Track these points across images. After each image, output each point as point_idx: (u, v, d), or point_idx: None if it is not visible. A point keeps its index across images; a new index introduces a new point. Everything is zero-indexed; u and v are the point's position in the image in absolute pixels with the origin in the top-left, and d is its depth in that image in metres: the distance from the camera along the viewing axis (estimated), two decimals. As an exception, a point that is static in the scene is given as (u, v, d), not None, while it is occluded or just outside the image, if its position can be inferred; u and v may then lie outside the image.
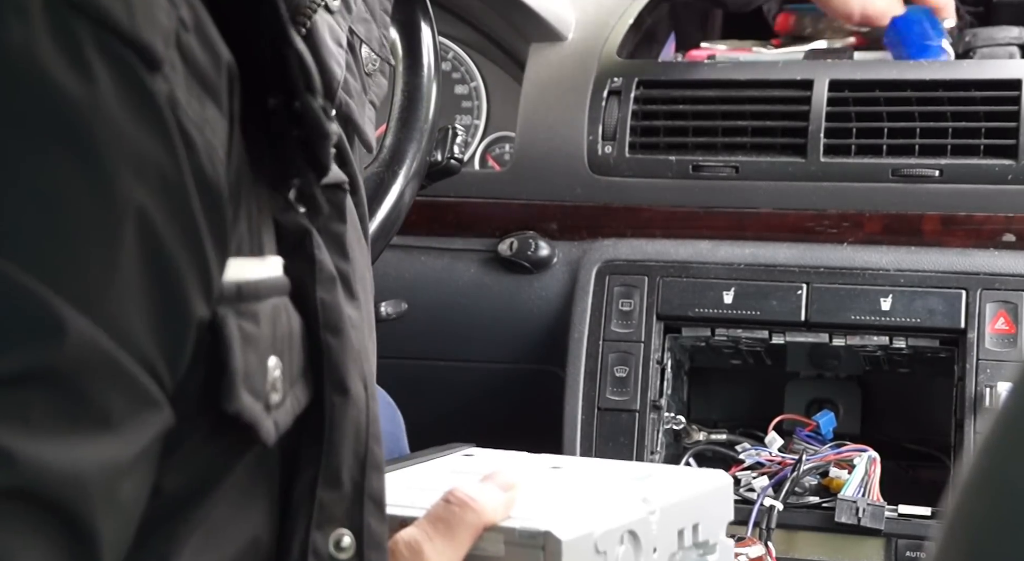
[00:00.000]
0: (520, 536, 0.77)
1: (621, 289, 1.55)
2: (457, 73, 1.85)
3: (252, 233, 0.64)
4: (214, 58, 0.59)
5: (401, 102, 1.28)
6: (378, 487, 0.71)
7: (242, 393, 0.61)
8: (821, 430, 1.50)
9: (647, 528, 0.81)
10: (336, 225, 0.72)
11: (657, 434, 1.51)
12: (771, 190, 1.55)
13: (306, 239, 0.69)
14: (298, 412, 0.68)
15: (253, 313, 0.63)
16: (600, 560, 0.78)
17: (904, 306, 1.47)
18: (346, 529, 0.69)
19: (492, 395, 1.67)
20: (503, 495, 0.81)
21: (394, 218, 1.26)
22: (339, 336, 0.70)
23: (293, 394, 0.67)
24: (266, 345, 0.64)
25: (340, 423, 0.69)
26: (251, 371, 0.62)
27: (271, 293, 0.65)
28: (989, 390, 1.41)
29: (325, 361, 0.69)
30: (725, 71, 1.61)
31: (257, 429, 0.63)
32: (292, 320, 0.68)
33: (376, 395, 0.73)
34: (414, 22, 1.30)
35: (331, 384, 0.69)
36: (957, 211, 1.50)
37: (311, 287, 0.69)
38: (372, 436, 0.71)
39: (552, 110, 1.64)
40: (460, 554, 0.77)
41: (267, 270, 0.66)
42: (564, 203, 1.62)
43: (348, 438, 0.70)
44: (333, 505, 0.69)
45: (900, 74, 1.55)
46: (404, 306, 1.41)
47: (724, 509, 0.89)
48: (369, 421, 0.71)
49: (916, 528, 1.39)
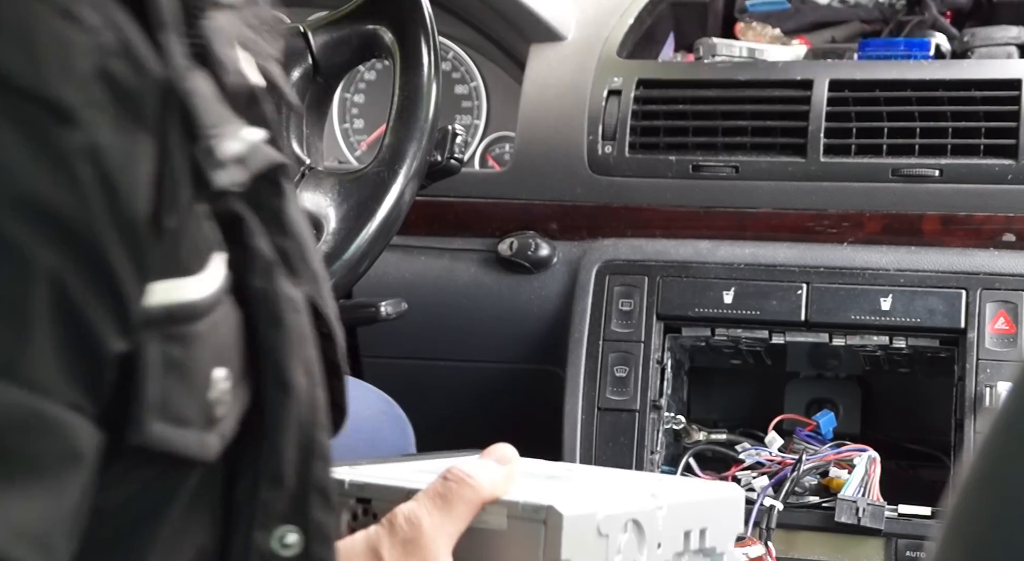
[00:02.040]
0: (523, 510, 0.77)
1: (621, 289, 1.55)
2: (457, 73, 1.85)
3: (193, 246, 0.62)
4: (143, 79, 0.57)
5: (401, 102, 1.28)
6: (323, 477, 0.70)
7: (151, 424, 0.59)
8: (821, 430, 1.50)
9: (652, 521, 0.81)
10: (274, 200, 0.70)
11: (657, 434, 1.51)
12: (771, 190, 1.55)
13: (239, 226, 0.67)
14: (241, 414, 0.66)
15: (184, 336, 0.61)
16: (602, 543, 0.78)
17: (904, 306, 1.47)
18: (291, 525, 0.68)
19: (492, 395, 1.67)
20: (501, 470, 0.80)
21: (394, 218, 1.26)
22: (279, 328, 0.68)
23: (236, 397, 0.66)
24: (207, 361, 0.62)
25: (282, 421, 0.68)
26: (172, 398, 0.60)
27: (211, 308, 0.63)
28: (989, 390, 1.41)
29: (264, 359, 0.67)
30: (725, 71, 1.61)
31: (182, 454, 0.62)
32: (233, 319, 0.66)
33: (321, 380, 0.71)
34: (413, 22, 1.30)
35: (271, 381, 0.68)
36: (957, 211, 1.50)
37: (247, 278, 0.67)
38: (318, 425, 0.70)
39: (552, 110, 1.64)
40: (459, 528, 0.77)
41: (206, 286, 0.63)
42: (564, 203, 1.62)
43: (291, 433, 0.68)
44: (276, 502, 0.68)
45: (900, 74, 1.55)
46: (404, 306, 1.41)
47: (734, 520, 0.89)
48: (314, 410, 0.70)
49: (916, 528, 1.39)
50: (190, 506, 0.65)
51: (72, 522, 0.57)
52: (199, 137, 0.61)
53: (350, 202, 1.26)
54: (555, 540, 0.76)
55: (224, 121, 0.64)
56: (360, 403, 1.36)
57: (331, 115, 1.85)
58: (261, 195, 0.68)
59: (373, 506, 0.81)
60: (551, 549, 0.76)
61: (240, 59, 0.71)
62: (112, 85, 0.55)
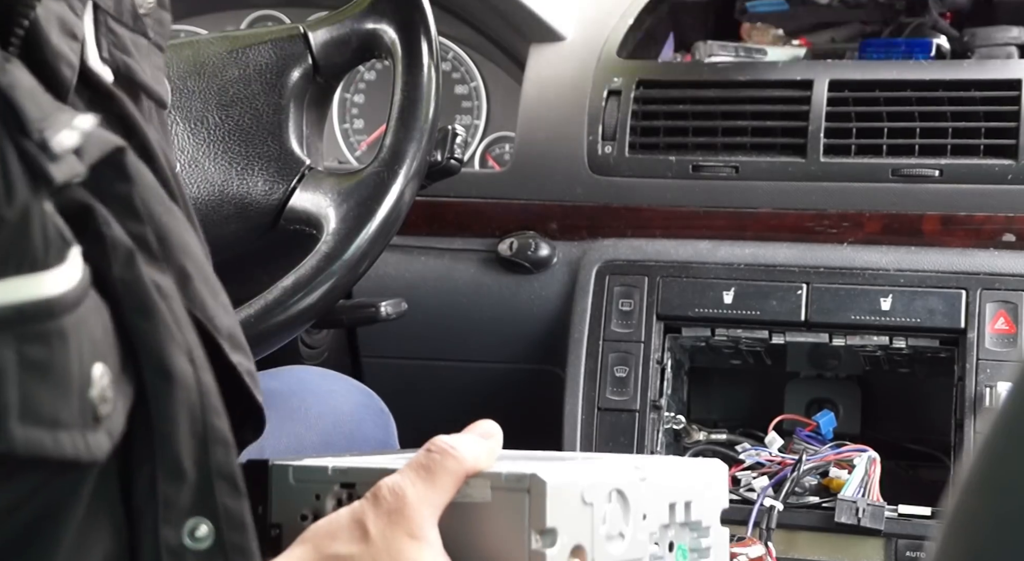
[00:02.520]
0: (506, 480, 0.77)
1: (621, 289, 1.55)
2: (457, 73, 1.85)
3: (43, 240, 0.60)
4: None
5: (401, 102, 1.28)
6: (226, 463, 0.68)
7: (13, 429, 0.57)
8: (821, 430, 1.50)
9: (636, 491, 0.81)
10: (119, 186, 0.67)
11: (657, 434, 1.51)
12: (771, 190, 1.55)
13: (90, 216, 0.65)
14: (128, 409, 0.65)
15: (43, 334, 0.59)
16: (587, 511, 0.78)
17: (904, 306, 1.47)
18: (200, 516, 0.67)
19: (492, 395, 1.67)
20: (484, 443, 0.80)
21: (394, 218, 1.26)
22: (149, 317, 0.66)
23: (120, 392, 0.64)
24: (79, 358, 0.61)
25: (169, 410, 0.66)
26: (38, 400, 0.58)
27: (72, 305, 0.61)
28: (989, 390, 1.41)
29: (140, 349, 0.65)
30: (725, 71, 1.61)
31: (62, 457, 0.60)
32: (103, 313, 0.64)
33: (207, 364, 0.69)
34: (413, 22, 1.30)
35: (151, 371, 0.66)
36: (957, 211, 1.50)
37: (107, 268, 0.65)
38: (210, 410, 0.68)
39: (552, 110, 1.64)
40: (443, 499, 0.77)
41: (64, 281, 0.60)
42: (564, 203, 1.62)
43: (182, 421, 0.66)
44: (179, 496, 0.66)
45: (900, 74, 1.55)
46: (404, 306, 1.41)
47: (718, 493, 0.89)
48: (203, 395, 0.68)
49: (916, 528, 1.39)
50: (90, 509, 0.63)
51: None
52: (29, 131, 0.59)
53: (350, 202, 1.26)
54: (540, 508, 0.75)
55: (52, 112, 0.62)
56: (341, 397, 1.36)
57: (331, 115, 1.85)
58: (104, 182, 0.66)
59: (357, 490, 0.81)
60: (536, 518, 0.75)
61: (82, 48, 0.69)
62: None
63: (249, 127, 1.32)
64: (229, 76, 1.34)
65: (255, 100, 1.33)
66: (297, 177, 1.31)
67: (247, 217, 1.31)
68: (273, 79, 1.34)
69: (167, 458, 0.66)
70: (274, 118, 1.33)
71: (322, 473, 0.83)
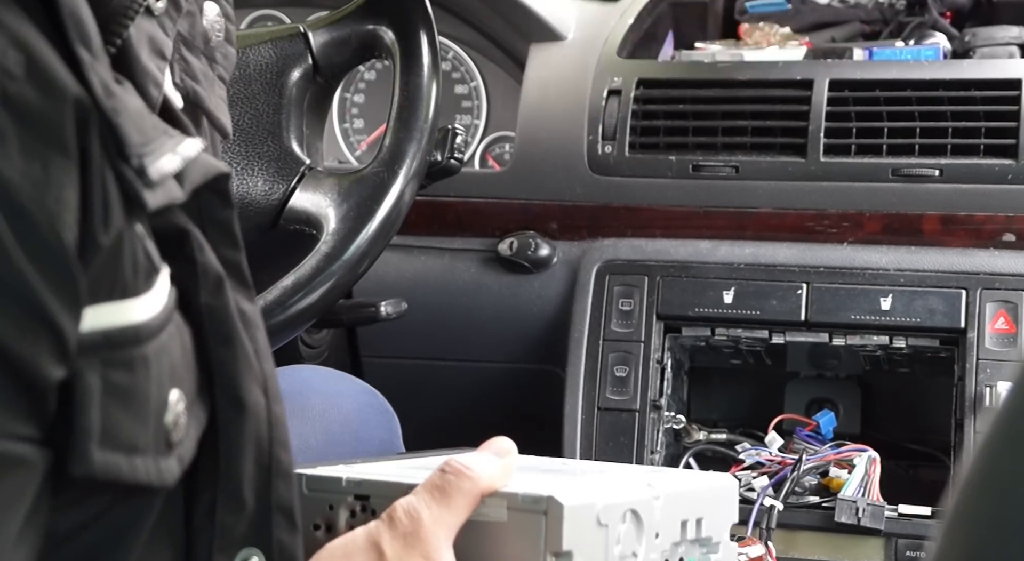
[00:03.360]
0: (523, 501, 0.77)
1: (621, 289, 1.55)
2: (457, 73, 1.85)
3: (133, 267, 0.60)
4: (55, 100, 0.55)
5: (401, 102, 1.28)
6: (287, 497, 0.69)
7: (93, 453, 0.57)
8: (821, 430, 1.50)
9: (650, 510, 0.81)
10: (220, 212, 0.67)
11: (657, 434, 1.51)
12: (771, 190, 1.55)
13: (185, 240, 0.65)
14: (199, 434, 0.65)
15: (128, 360, 0.59)
16: (602, 533, 0.78)
17: (904, 306, 1.47)
18: (254, 548, 0.67)
19: (492, 395, 1.67)
20: (499, 462, 0.80)
21: (394, 218, 1.26)
22: (230, 345, 0.66)
23: (193, 418, 0.64)
24: (158, 384, 0.61)
25: (237, 440, 0.66)
26: (118, 425, 0.59)
27: (156, 331, 0.61)
28: (989, 390, 1.41)
29: (217, 377, 0.66)
30: (725, 71, 1.61)
31: (135, 482, 0.60)
32: (184, 337, 0.64)
33: (280, 396, 0.69)
34: (413, 22, 1.30)
35: (225, 400, 0.66)
36: (957, 211, 1.50)
37: (195, 293, 0.65)
38: (277, 443, 0.68)
39: (552, 110, 1.64)
40: (458, 520, 0.77)
41: (150, 308, 0.61)
42: (564, 203, 1.62)
43: (248, 452, 0.67)
44: (236, 525, 0.66)
45: (900, 74, 1.55)
46: (404, 306, 1.41)
47: (728, 509, 0.89)
48: (272, 427, 0.68)
49: (916, 528, 1.39)
50: (152, 532, 0.64)
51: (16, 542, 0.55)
52: (128, 156, 0.59)
53: (350, 202, 1.26)
54: (556, 531, 0.76)
55: (157, 136, 0.62)
56: (346, 397, 1.36)
57: (331, 115, 1.85)
58: (206, 207, 0.67)
59: (371, 502, 0.81)
60: (552, 540, 0.76)
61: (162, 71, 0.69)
62: (16, 111, 0.53)
63: (249, 127, 1.32)
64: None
65: (255, 100, 1.33)
66: (297, 177, 1.31)
67: (247, 217, 1.30)
68: (273, 79, 1.34)
69: (229, 487, 0.66)
70: (274, 118, 1.33)
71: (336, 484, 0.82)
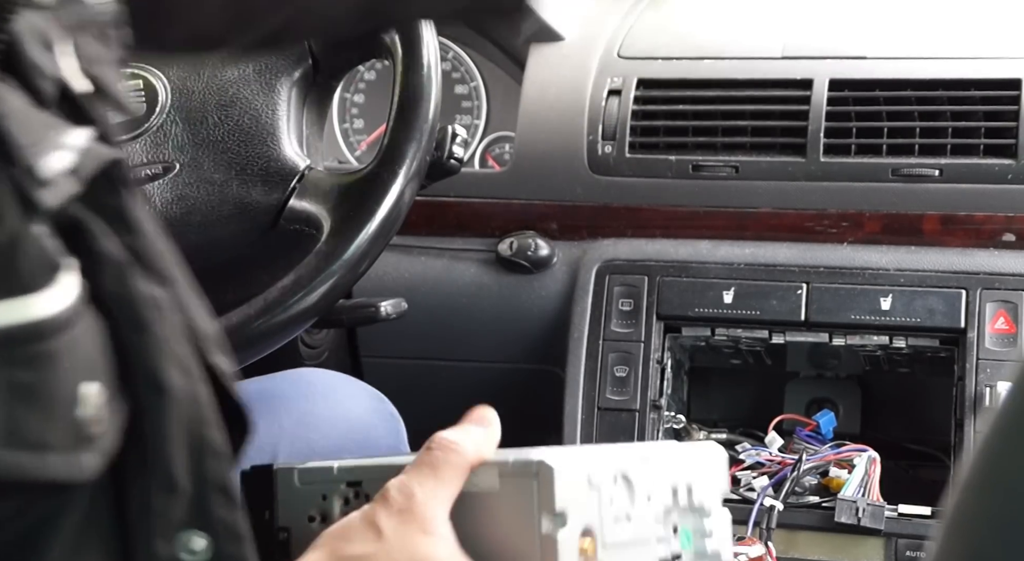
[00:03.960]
0: (513, 467, 0.78)
1: (621, 289, 1.55)
2: (457, 73, 1.85)
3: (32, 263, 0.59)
4: None
5: (401, 102, 1.28)
6: (220, 474, 0.68)
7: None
8: (821, 430, 1.50)
9: (640, 474, 0.82)
10: (114, 198, 0.66)
11: (657, 434, 1.51)
12: (771, 190, 1.55)
13: (80, 230, 0.64)
14: (124, 425, 0.64)
15: (31, 357, 0.58)
16: (594, 495, 0.78)
17: (904, 306, 1.47)
18: (195, 529, 0.66)
19: (492, 395, 1.65)
20: (483, 431, 0.81)
21: (394, 218, 1.26)
22: (142, 331, 0.65)
23: (114, 409, 0.63)
24: (69, 379, 0.60)
25: (161, 425, 0.66)
26: (23, 424, 0.58)
27: (64, 326, 0.60)
28: (989, 390, 1.41)
29: (134, 364, 0.65)
30: (725, 71, 1.61)
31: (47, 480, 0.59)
32: (96, 330, 0.63)
33: (201, 376, 0.68)
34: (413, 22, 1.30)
35: (144, 385, 0.65)
36: (957, 211, 1.50)
37: (100, 284, 0.64)
38: (205, 423, 0.68)
39: (552, 110, 1.64)
40: (451, 493, 0.77)
41: (55, 303, 0.60)
42: (564, 203, 1.62)
43: (175, 435, 0.66)
44: (173, 509, 0.66)
45: (900, 73, 1.55)
46: (404, 306, 1.41)
47: (718, 477, 0.89)
48: (197, 407, 0.67)
49: (916, 528, 1.39)
50: (82, 524, 0.63)
51: None
52: (15, 158, 0.58)
53: (350, 202, 1.26)
54: (548, 492, 0.76)
55: (44, 132, 0.61)
56: (351, 400, 1.36)
57: (331, 115, 1.85)
58: (100, 196, 0.66)
59: (364, 487, 0.82)
60: (545, 502, 0.76)
61: (59, 62, 0.68)
62: None
63: (248, 127, 1.32)
64: (228, 76, 1.34)
65: (254, 100, 1.33)
66: (297, 177, 1.31)
67: (247, 217, 1.30)
68: (272, 79, 1.34)
69: (160, 471, 0.66)
70: (273, 118, 1.33)
71: (327, 473, 0.83)
